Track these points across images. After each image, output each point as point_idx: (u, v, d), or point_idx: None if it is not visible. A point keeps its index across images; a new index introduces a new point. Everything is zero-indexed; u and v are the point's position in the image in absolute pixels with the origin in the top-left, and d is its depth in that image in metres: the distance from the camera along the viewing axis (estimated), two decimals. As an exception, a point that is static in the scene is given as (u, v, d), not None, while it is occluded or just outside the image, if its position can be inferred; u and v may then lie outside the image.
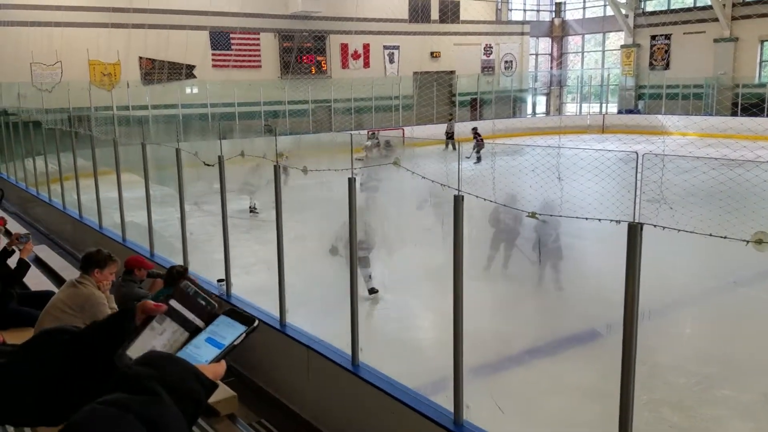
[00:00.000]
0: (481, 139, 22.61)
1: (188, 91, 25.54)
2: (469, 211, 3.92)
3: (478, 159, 21.81)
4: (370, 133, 24.70)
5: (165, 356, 1.00)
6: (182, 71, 25.26)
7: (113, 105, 22.83)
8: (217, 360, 1.06)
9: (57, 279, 8.94)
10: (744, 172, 3.82)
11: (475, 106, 33.13)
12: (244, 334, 1.10)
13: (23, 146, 16.04)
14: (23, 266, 6.57)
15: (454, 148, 25.76)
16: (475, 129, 24.26)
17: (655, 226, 3.27)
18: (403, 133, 26.45)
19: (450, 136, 27.23)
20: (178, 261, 7.63)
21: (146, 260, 7.27)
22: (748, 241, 3.10)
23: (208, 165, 7.50)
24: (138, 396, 0.89)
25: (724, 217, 3.78)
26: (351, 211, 5.18)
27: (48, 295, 6.54)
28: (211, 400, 4.60)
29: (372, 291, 8.54)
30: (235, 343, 1.09)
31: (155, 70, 24.70)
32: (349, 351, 5.24)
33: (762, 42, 29.07)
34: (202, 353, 1.07)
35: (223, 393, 5.50)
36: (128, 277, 6.72)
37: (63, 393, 1.09)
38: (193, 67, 25.48)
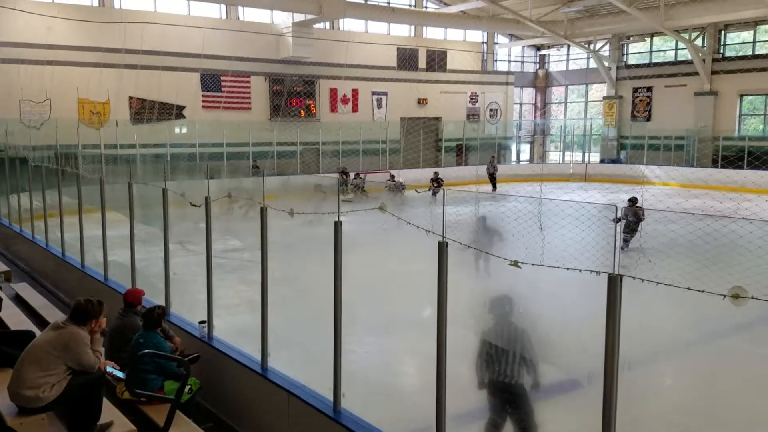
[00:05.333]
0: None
1: (177, 130, 25.67)
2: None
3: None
4: (355, 175, 25.06)
5: None
6: (172, 111, 25.43)
7: (101, 143, 22.87)
8: None
9: (37, 318, 8.83)
10: (721, 227, 3.92)
11: (461, 152, 33.59)
12: None
13: (8, 182, 15.97)
14: None
15: (495, 188, 26.61)
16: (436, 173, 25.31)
17: (634, 278, 3.33)
18: (390, 176, 26.71)
19: (493, 176, 27.94)
20: (160, 301, 7.58)
21: (143, 292, 7.36)
22: (725, 296, 3.15)
23: (195, 206, 7.52)
24: None
25: (702, 270, 3.86)
26: (336, 254, 5.21)
27: (28, 334, 6.47)
28: (189, 446, 4.46)
29: None
30: None
31: (145, 110, 24.85)
32: (331, 397, 5.20)
33: (741, 96, 29.89)
34: None
35: (201, 438, 5.42)
36: (129, 309, 6.87)
37: None
38: (183, 107, 25.67)
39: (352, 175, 25.18)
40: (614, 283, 3.38)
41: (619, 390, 3.46)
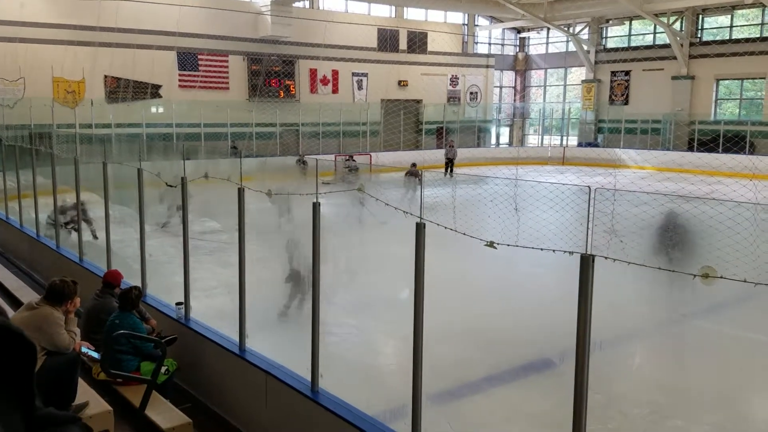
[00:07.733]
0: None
1: (153, 110, 25.31)
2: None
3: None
4: (346, 157, 24.58)
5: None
6: (148, 90, 25.06)
7: (76, 123, 22.47)
8: None
9: (11, 299, 8.72)
10: (692, 208, 4.00)
11: (441, 135, 33.61)
12: None
13: (-20, 162, 15.66)
14: None
15: (452, 175, 25.93)
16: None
17: (606, 258, 3.38)
18: (371, 159, 26.66)
19: (450, 162, 27.18)
20: (136, 283, 7.52)
21: (121, 274, 7.29)
22: (695, 275, 3.21)
23: (171, 186, 7.45)
24: None
25: (672, 251, 3.93)
26: (315, 235, 5.21)
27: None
28: (166, 426, 4.56)
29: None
30: None
31: (120, 89, 24.44)
32: (309, 377, 5.23)
33: (717, 81, 30.22)
34: None
35: (178, 419, 5.43)
36: (107, 290, 6.80)
37: None
38: (159, 86, 25.30)
39: (332, 158, 24.82)
40: (586, 262, 3.43)
41: (590, 369, 3.53)
